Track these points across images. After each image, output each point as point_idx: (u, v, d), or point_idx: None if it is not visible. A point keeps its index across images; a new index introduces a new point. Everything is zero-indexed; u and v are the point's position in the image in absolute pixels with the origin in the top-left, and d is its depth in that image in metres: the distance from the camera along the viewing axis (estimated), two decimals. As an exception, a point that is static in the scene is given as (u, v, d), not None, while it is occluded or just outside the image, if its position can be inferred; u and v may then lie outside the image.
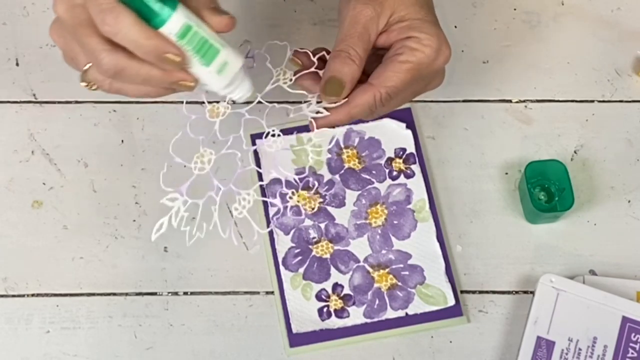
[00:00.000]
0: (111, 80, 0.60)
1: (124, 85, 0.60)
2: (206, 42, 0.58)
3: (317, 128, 0.64)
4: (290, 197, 0.63)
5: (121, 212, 0.78)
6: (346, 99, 0.64)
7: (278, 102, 0.65)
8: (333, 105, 0.64)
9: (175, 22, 0.57)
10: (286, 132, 0.76)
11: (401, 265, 0.76)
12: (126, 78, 0.58)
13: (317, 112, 0.64)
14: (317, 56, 0.66)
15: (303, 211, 0.77)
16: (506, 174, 0.80)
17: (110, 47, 0.56)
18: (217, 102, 0.64)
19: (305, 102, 0.65)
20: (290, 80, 0.66)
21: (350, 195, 0.78)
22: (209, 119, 0.63)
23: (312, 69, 0.66)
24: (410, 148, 0.80)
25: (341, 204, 0.78)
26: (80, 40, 0.57)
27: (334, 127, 0.65)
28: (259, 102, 0.64)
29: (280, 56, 0.66)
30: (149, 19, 0.56)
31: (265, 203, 0.78)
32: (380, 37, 0.65)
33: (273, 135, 0.63)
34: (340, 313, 0.75)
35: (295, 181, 0.78)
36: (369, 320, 0.75)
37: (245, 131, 0.63)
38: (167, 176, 0.62)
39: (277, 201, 0.63)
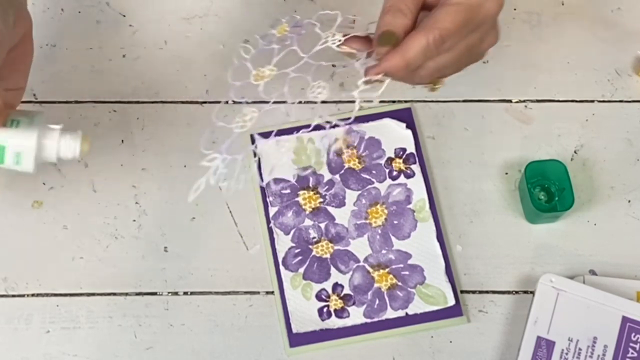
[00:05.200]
0: None
1: None
2: None
3: (370, 75, 0.61)
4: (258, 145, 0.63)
5: (121, 212, 0.78)
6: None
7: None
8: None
9: None
10: (286, 132, 0.77)
11: (401, 265, 0.76)
12: None
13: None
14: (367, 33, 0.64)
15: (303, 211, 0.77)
16: (506, 174, 0.80)
17: None
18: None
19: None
20: (340, 40, 0.64)
21: (350, 195, 0.78)
22: (253, 83, 0.63)
23: (363, 34, 0.64)
24: (410, 148, 0.79)
25: (341, 204, 0.78)
26: None
27: (389, 75, 0.62)
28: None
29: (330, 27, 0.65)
30: None
31: (265, 203, 0.78)
32: None
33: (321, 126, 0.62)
34: (340, 313, 0.75)
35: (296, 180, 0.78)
36: (369, 320, 0.75)
37: (290, 87, 0.62)
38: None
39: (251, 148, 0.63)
